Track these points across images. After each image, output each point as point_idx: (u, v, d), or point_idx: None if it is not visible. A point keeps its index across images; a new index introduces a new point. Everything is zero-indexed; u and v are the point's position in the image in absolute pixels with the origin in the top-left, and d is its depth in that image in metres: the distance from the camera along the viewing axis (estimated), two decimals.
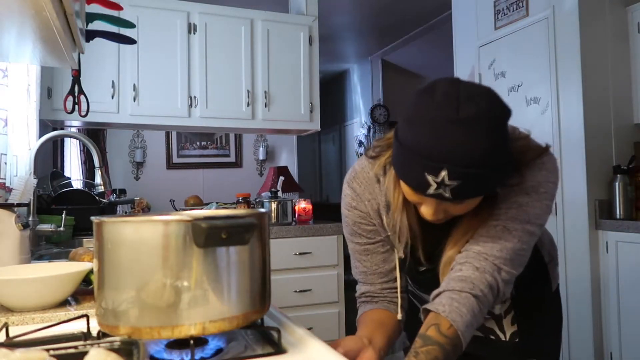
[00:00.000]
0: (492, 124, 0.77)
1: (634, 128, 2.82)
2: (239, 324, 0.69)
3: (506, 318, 1.07)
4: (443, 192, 0.78)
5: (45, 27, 0.83)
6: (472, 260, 0.87)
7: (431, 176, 0.77)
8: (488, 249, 0.87)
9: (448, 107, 0.76)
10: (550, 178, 0.91)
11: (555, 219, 2.84)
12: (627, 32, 2.81)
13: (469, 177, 0.76)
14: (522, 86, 3.07)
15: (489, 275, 0.85)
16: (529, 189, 0.89)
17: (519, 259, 0.89)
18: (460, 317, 0.80)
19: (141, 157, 5.00)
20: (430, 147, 0.76)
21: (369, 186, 1.01)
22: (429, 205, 0.85)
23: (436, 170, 0.76)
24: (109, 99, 2.93)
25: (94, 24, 1.48)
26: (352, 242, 1.06)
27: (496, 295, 0.87)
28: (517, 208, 0.89)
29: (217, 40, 3.20)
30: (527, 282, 1.05)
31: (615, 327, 2.60)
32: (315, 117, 3.45)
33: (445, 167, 0.75)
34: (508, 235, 0.87)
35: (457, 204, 0.83)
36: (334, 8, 4.49)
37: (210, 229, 0.63)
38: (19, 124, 1.84)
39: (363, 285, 1.07)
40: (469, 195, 0.81)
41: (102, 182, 1.81)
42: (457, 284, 0.84)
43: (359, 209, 1.02)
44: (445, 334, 0.79)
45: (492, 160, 0.77)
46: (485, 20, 3.36)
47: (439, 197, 0.79)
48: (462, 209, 0.86)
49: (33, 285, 0.94)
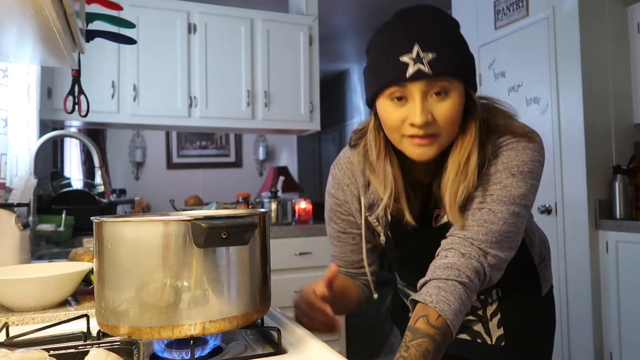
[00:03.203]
0: (449, 17, 0.88)
1: (634, 128, 2.82)
2: (239, 324, 0.69)
3: (492, 321, 1.05)
4: (421, 66, 0.80)
5: (45, 27, 0.83)
6: (457, 246, 0.85)
7: (406, 55, 0.81)
8: (474, 233, 0.86)
9: (403, 9, 0.87)
10: (536, 157, 0.90)
11: (556, 219, 2.85)
12: (627, 32, 2.81)
13: (442, 49, 0.81)
14: (522, 86, 3.07)
15: (475, 260, 0.84)
16: (514, 169, 0.88)
17: (507, 241, 0.87)
18: (448, 306, 0.79)
19: (141, 157, 5.00)
20: (397, 32, 0.84)
21: (349, 171, 1.02)
22: (414, 103, 0.82)
23: (409, 48, 0.81)
24: (109, 99, 2.93)
25: (94, 24, 1.48)
26: (328, 226, 1.10)
27: (483, 280, 0.85)
28: (501, 189, 0.87)
29: (217, 40, 3.20)
30: (514, 284, 1.04)
31: (615, 327, 2.60)
32: (315, 117, 3.45)
33: (417, 43, 0.80)
34: (494, 218, 0.86)
35: (441, 100, 0.82)
36: (334, 8, 4.49)
37: (210, 229, 0.63)
38: (19, 124, 1.84)
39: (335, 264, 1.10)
40: (448, 70, 0.81)
41: (102, 182, 1.81)
42: (443, 272, 0.83)
43: (336, 197, 1.05)
44: (434, 325, 0.77)
45: (460, 39, 0.86)
46: (485, 20, 3.36)
47: (419, 76, 0.80)
48: (447, 111, 0.83)
49: (33, 285, 0.94)
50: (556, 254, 2.76)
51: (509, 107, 0.96)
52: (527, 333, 1.07)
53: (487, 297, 1.05)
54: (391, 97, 0.85)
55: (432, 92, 0.83)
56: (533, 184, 0.90)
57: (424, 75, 0.80)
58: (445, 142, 0.87)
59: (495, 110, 0.95)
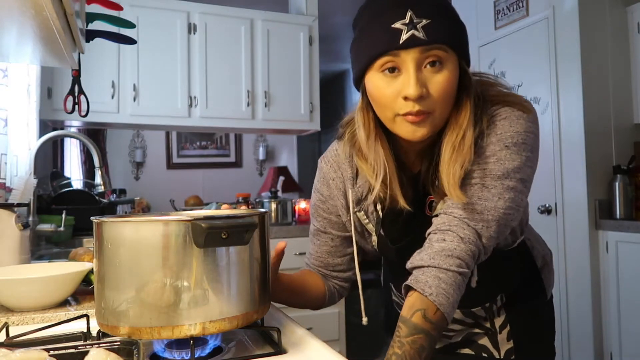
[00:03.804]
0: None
1: (634, 128, 2.82)
2: (239, 324, 0.69)
3: (501, 333, 1.00)
4: (416, 32, 0.76)
5: (45, 27, 0.83)
6: (455, 228, 0.80)
7: (399, 22, 0.77)
8: (469, 212, 0.81)
9: None
10: (530, 128, 0.85)
11: (556, 219, 2.85)
12: (627, 32, 2.81)
13: (436, 15, 0.77)
14: (522, 86, 3.07)
15: (473, 245, 0.80)
16: (507, 141, 0.83)
17: (502, 219, 0.82)
18: (447, 299, 0.75)
19: (141, 157, 5.00)
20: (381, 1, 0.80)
21: (335, 164, 0.98)
22: (407, 74, 0.77)
23: (402, 14, 0.77)
24: (109, 99, 2.93)
25: (94, 24, 1.48)
26: (311, 222, 1.05)
27: (477, 261, 0.82)
28: (495, 163, 0.82)
29: (217, 40, 3.20)
30: (521, 288, 1.02)
31: (615, 327, 2.60)
32: (315, 117, 3.45)
33: (410, 9, 0.77)
34: (487, 194, 0.81)
35: (436, 71, 0.78)
36: (334, 8, 4.49)
37: (210, 229, 0.63)
38: (19, 124, 1.83)
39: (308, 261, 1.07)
40: (444, 37, 0.77)
41: (102, 182, 1.81)
42: (444, 261, 0.77)
43: (320, 192, 1.00)
44: (432, 320, 0.74)
45: (452, 8, 0.82)
46: (485, 20, 3.36)
47: (414, 43, 0.76)
48: (442, 83, 0.78)
49: (33, 285, 0.94)
50: (556, 254, 2.76)
51: (504, 81, 0.92)
52: (538, 344, 1.03)
53: (492, 305, 1.00)
54: (382, 69, 0.79)
55: (427, 62, 0.78)
56: (528, 156, 0.84)
57: (419, 41, 0.76)
58: (438, 120, 0.82)
59: (490, 84, 0.91)
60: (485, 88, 0.89)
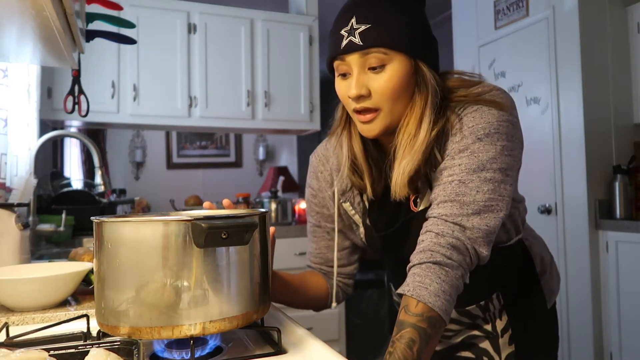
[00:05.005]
0: None
1: (634, 128, 2.82)
2: (239, 324, 0.69)
3: (503, 337, 1.00)
4: (353, 38, 0.82)
5: (46, 27, 0.83)
6: (431, 226, 0.81)
7: (343, 29, 0.83)
8: (447, 209, 0.81)
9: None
10: (504, 117, 0.84)
11: (555, 219, 2.85)
12: (627, 32, 2.81)
13: (376, 20, 0.82)
14: (522, 86, 3.07)
15: (449, 237, 0.79)
16: (479, 133, 0.82)
17: (487, 210, 0.81)
18: (425, 289, 0.74)
19: (141, 157, 5.00)
20: (342, 7, 0.86)
21: (323, 157, 1.03)
22: (352, 76, 0.84)
23: (347, 21, 0.83)
24: (109, 99, 2.93)
25: (94, 24, 1.48)
26: (307, 220, 1.09)
27: (467, 254, 0.80)
28: (469, 156, 0.82)
29: (217, 40, 3.20)
30: (520, 290, 1.01)
31: (615, 327, 2.60)
32: (315, 117, 3.45)
33: (354, 15, 0.83)
34: (465, 189, 0.81)
35: (376, 73, 0.83)
36: (334, 8, 4.49)
37: (210, 229, 0.63)
38: (19, 124, 1.83)
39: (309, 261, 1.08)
40: (382, 41, 0.82)
41: (102, 182, 1.81)
42: (416, 257, 0.79)
43: (311, 186, 1.05)
44: (415, 313, 0.73)
45: (413, 13, 0.85)
46: (485, 20, 3.36)
47: (351, 48, 0.82)
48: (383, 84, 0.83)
49: (33, 285, 0.94)
50: (556, 254, 2.76)
51: (479, 76, 0.94)
52: (540, 352, 1.03)
53: (488, 304, 0.99)
54: (338, 73, 0.88)
55: (368, 65, 0.83)
56: (504, 145, 0.83)
57: (355, 46, 0.82)
58: (389, 117, 0.86)
59: (471, 83, 0.91)
60: (460, 86, 0.90)
